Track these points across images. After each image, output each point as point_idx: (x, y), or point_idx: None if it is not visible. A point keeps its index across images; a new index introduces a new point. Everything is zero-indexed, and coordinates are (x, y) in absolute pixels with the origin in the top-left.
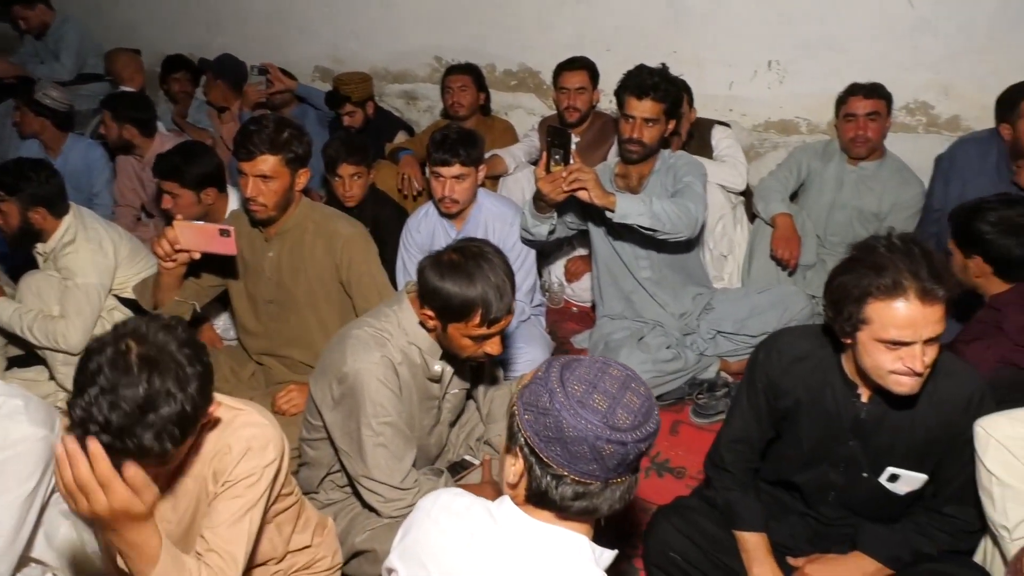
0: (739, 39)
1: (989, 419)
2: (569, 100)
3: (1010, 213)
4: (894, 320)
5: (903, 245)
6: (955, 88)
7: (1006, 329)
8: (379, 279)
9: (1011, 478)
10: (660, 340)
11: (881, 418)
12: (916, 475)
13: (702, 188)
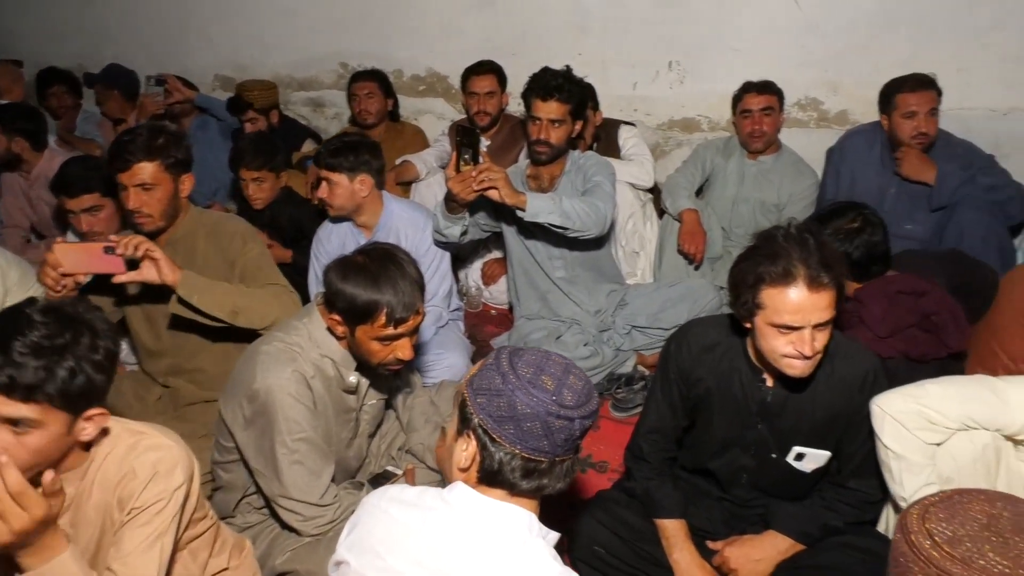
0: (640, 41)
1: (883, 396)
2: (479, 104)
3: (841, 222)
4: (785, 306)
5: (798, 235)
6: (842, 84)
7: (867, 320)
8: (272, 264)
9: (906, 450)
10: (577, 338)
11: (785, 401)
12: (820, 452)
13: (611, 187)
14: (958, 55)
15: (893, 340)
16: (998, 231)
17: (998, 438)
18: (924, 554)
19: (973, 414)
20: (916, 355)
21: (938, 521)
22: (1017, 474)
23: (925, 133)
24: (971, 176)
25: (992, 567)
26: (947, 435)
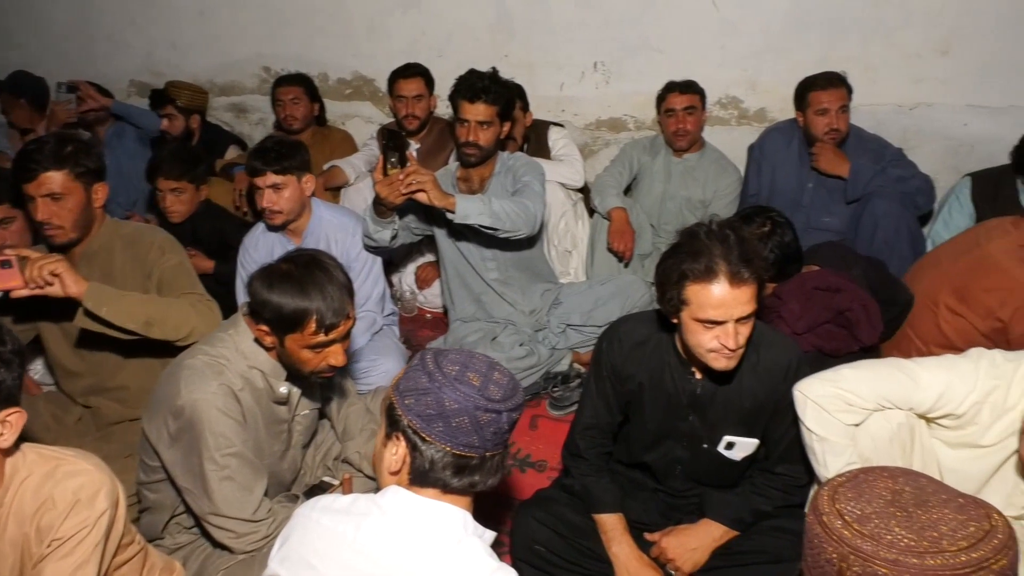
0: (565, 42)
1: (804, 382)
2: (407, 108)
3: (751, 228)
4: (708, 301)
5: (719, 232)
6: (760, 83)
7: (785, 317)
8: (191, 274)
9: (828, 432)
10: (513, 338)
11: (714, 392)
12: (749, 441)
13: (540, 187)
14: (866, 53)
15: (809, 336)
16: (909, 220)
17: (911, 417)
18: (836, 534)
19: (887, 394)
20: (829, 350)
21: (847, 501)
22: (930, 450)
23: (837, 129)
24: (882, 168)
25: (899, 541)
26: (865, 415)
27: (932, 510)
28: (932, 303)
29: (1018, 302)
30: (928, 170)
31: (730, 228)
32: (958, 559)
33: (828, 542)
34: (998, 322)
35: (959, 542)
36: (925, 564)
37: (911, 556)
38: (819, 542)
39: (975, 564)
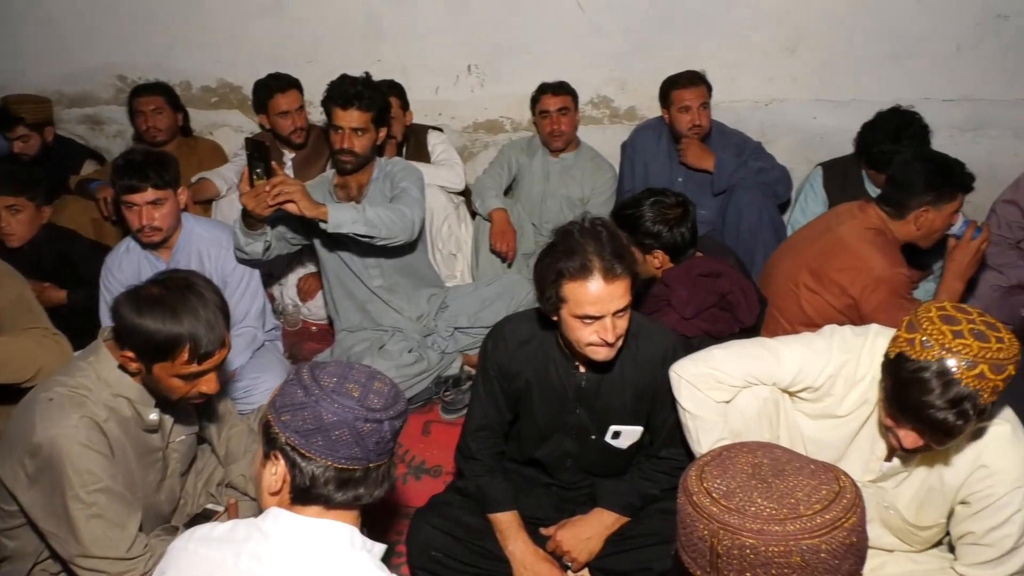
0: (437, 46)
1: (678, 364)
2: (293, 123)
3: (665, 210)
4: (585, 298)
5: (592, 228)
6: (628, 82)
7: (674, 304)
8: (33, 306)
9: (700, 410)
10: (401, 345)
11: (599, 384)
12: (634, 428)
13: (418, 192)
14: (723, 53)
15: (697, 320)
16: (770, 209)
17: (775, 391)
18: (706, 511)
19: (753, 371)
20: (716, 333)
21: (713, 479)
22: (794, 422)
23: (699, 125)
24: (744, 161)
25: (761, 511)
26: (734, 392)
27: (788, 478)
28: (793, 285)
29: (866, 280)
30: (785, 161)
31: (602, 225)
32: (814, 521)
33: (699, 520)
34: (850, 299)
35: (814, 505)
36: (786, 530)
37: (773, 524)
38: (691, 521)
39: (829, 524)
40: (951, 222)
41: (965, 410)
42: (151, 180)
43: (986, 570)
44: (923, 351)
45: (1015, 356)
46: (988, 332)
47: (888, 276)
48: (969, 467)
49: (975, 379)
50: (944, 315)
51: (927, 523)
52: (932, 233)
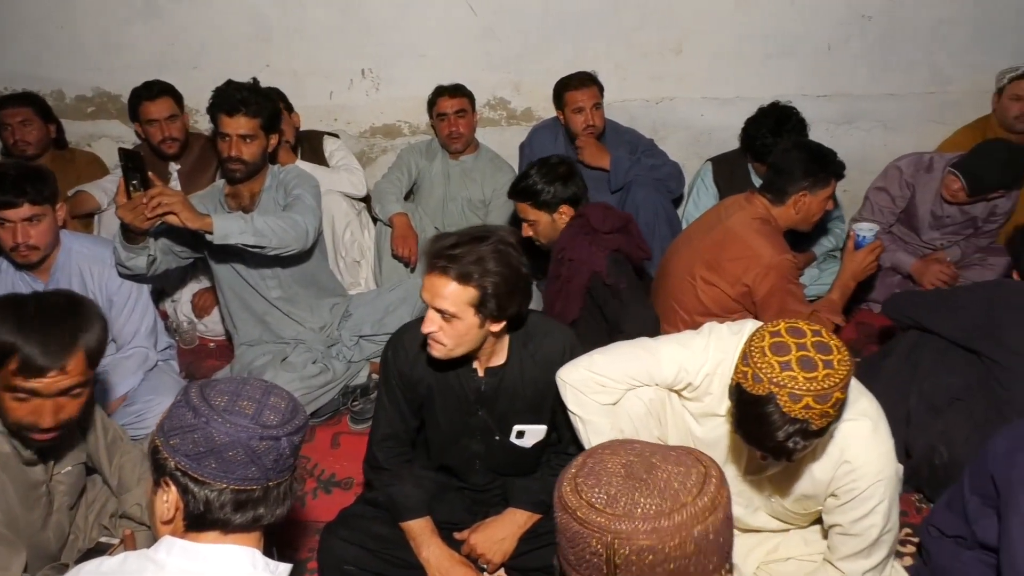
0: (330, 50)
1: (563, 369)
2: (163, 132)
3: (552, 163)
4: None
5: (471, 232)
6: (523, 84)
7: (593, 222)
8: None
9: (587, 413)
10: (304, 357)
11: (498, 385)
12: (538, 427)
13: (313, 199)
14: (613, 54)
15: (614, 236)
16: (665, 204)
17: (661, 391)
18: (595, 524)
19: (634, 373)
20: (627, 251)
21: (590, 488)
22: (682, 422)
23: (593, 125)
24: (637, 159)
25: (649, 510)
26: (619, 394)
27: (659, 470)
28: (690, 276)
29: (757, 267)
30: (676, 157)
31: (482, 232)
32: (697, 506)
33: (590, 535)
34: (744, 287)
35: (692, 491)
36: (676, 522)
37: (663, 519)
38: (581, 538)
39: (710, 506)
40: (826, 207)
41: (795, 439)
42: (28, 195)
43: (858, 561)
44: (755, 385)
45: (842, 380)
46: (817, 358)
47: (776, 262)
48: (834, 464)
49: (802, 410)
50: (775, 344)
51: (810, 509)
52: (810, 217)
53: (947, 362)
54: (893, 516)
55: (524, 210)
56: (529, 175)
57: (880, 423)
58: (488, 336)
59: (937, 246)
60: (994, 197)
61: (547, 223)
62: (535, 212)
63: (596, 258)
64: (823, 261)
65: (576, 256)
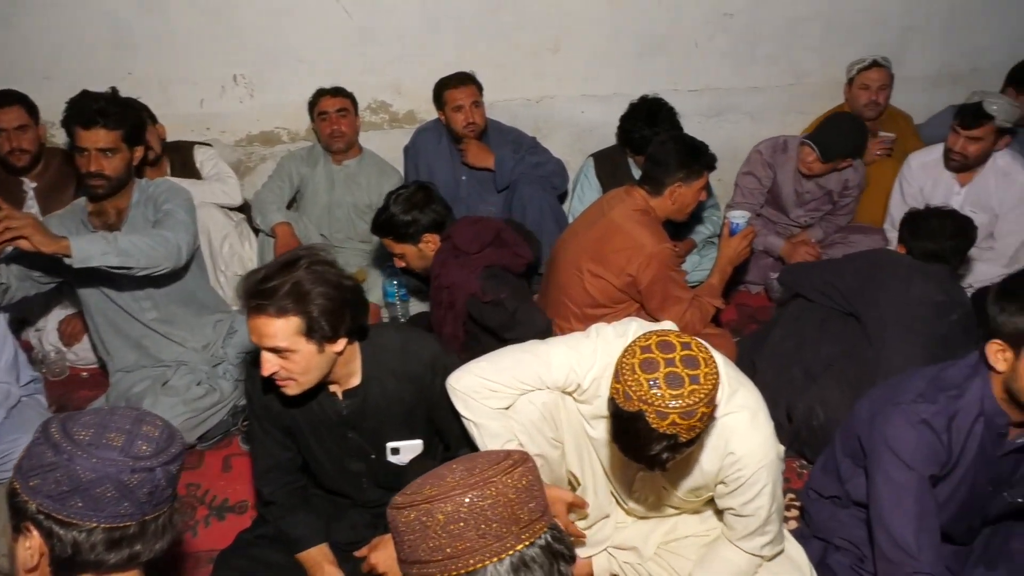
0: (197, 56)
1: (453, 376)
2: (11, 142)
3: (407, 193)
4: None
5: (286, 260)
6: (404, 86)
7: (461, 245)
8: None
9: (480, 418)
10: (188, 379)
11: (363, 407)
12: (413, 443)
13: (185, 214)
14: (493, 54)
15: (486, 252)
16: (550, 201)
17: (555, 394)
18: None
19: (524, 378)
20: (504, 264)
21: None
22: (578, 425)
23: (474, 123)
24: (522, 157)
25: (457, 481)
26: (511, 399)
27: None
28: (577, 270)
29: (640, 257)
30: (560, 154)
31: (305, 261)
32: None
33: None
34: (629, 277)
35: (499, 465)
36: (485, 493)
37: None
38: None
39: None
40: (700, 197)
41: (667, 453)
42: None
43: (755, 538)
44: (626, 402)
45: (708, 394)
46: (684, 374)
47: (657, 251)
48: (720, 456)
49: (669, 427)
50: (645, 361)
51: (703, 496)
52: (685, 207)
53: (826, 330)
54: (778, 494)
55: (389, 245)
56: (387, 208)
57: (758, 411)
58: (335, 357)
59: (803, 223)
60: (844, 167)
61: (415, 254)
62: (400, 246)
63: (469, 280)
64: (703, 248)
65: (450, 282)
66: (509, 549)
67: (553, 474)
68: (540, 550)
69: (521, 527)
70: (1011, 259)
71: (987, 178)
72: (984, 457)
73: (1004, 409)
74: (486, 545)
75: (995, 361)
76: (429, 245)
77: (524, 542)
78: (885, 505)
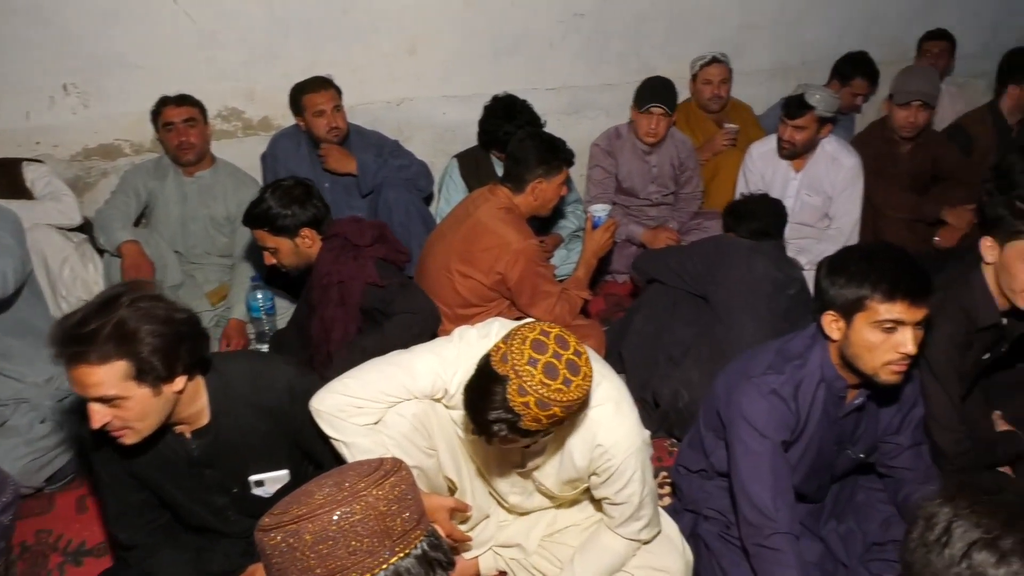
0: (20, 64)
1: (315, 398)
2: None
3: (286, 186)
4: None
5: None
6: (257, 92)
7: (353, 240)
8: None
9: (349, 437)
10: (30, 417)
11: (216, 445)
12: (278, 473)
13: (10, 237)
14: (349, 57)
15: (375, 247)
16: (416, 203)
17: (425, 403)
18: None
19: (390, 391)
20: (391, 258)
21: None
22: (450, 432)
23: (337, 127)
24: (385, 160)
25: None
26: (379, 413)
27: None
28: (446, 271)
29: (507, 254)
30: (423, 156)
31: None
32: (381, 489)
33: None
34: (498, 275)
35: (370, 476)
36: (355, 508)
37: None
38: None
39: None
40: (561, 192)
41: (502, 427)
42: None
43: (631, 524)
44: (500, 363)
45: (570, 401)
46: (562, 372)
47: (524, 248)
48: (589, 449)
49: (521, 405)
50: (538, 340)
51: (578, 488)
52: (547, 202)
53: (679, 314)
54: (648, 478)
55: (262, 237)
56: (263, 200)
57: (621, 402)
58: (175, 397)
59: (655, 200)
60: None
61: (290, 249)
62: (274, 239)
63: (366, 270)
64: (569, 242)
65: (346, 276)
66: (383, 563)
67: (431, 483)
68: (416, 560)
69: (395, 539)
70: (848, 236)
71: (818, 163)
72: (828, 419)
73: (841, 374)
74: (358, 562)
75: (830, 331)
76: (306, 241)
77: (398, 554)
78: (744, 473)
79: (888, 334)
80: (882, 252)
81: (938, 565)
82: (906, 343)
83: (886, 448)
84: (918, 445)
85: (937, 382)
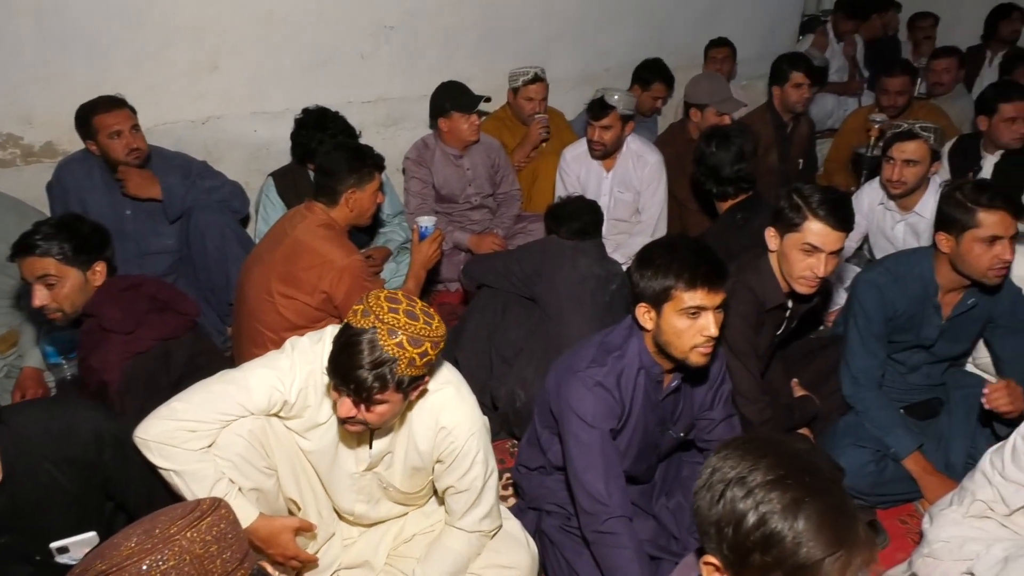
0: None
1: (140, 427)
2: None
3: (58, 217)
4: None
5: None
6: (36, 116)
7: (109, 326)
8: None
9: (181, 465)
10: None
11: (12, 506)
12: (84, 536)
13: None
14: (141, 75)
15: (144, 330)
16: (232, 225)
17: (261, 419)
18: None
19: (225, 410)
20: (169, 334)
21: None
22: (290, 444)
23: (138, 148)
24: (192, 183)
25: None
26: (213, 435)
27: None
28: (267, 294)
29: (331, 272)
30: (236, 176)
31: None
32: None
33: None
34: (323, 294)
35: (184, 519)
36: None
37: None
38: None
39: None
40: (377, 200)
41: (383, 374)
42: None
43: (472, 512)
44: (362, 319)
45: (436, 337)
46: (420, 315)
47: (347, 264)
48: (433, 432)
49: (395, 347)
50: (391, 296)
51: (421, 487)
52: (365, 212)
53: (509, 316)
54: (491, 462)
55: (44, 266)
56: (37, 232)
57: (461, 385)
58: None
59: (475, 203)
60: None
61: (77, 284)
62: (63, 268)
63: (111, 364)
64: (398, 255)
65: (100, 365)
66: None
67: (271, 506)
68: None
69: None
70: (654, 228)
71: (626, 161)
72: (649, 403)
73: (657, 360)
74: None
75: (644, 321)
76: (96, 278)
77: None
78: (577, 464)
79: (693, 319)
80: (683, 244)
81: (705, 508)
82: (709, 326)
83: (702, 424)
84: (730, 417)
85: (737, 359)
